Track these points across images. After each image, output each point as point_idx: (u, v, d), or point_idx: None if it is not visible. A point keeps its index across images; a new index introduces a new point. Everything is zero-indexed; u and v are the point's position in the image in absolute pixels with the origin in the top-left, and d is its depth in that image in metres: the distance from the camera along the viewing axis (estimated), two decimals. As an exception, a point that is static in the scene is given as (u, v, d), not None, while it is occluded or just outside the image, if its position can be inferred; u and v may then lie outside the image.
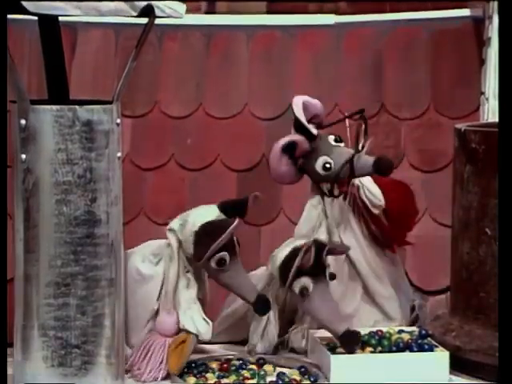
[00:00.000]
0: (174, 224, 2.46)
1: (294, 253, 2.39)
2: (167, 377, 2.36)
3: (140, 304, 2.46)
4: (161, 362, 2.36)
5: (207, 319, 2.41)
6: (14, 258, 2.21)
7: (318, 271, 2.38)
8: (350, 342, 2.34)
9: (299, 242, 2.42)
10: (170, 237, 2.44)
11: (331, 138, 2.55)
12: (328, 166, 2.50)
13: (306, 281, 2.37)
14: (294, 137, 2.52)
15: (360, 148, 2.50)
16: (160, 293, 2.44)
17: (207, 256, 2.35)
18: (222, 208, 2.43)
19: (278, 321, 2.49)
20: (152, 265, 2.48)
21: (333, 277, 2.42)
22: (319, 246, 2.38)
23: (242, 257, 2.43)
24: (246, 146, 3.11)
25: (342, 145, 2.54)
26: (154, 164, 3.09)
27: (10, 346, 2.21)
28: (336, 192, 2.56)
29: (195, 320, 2.39)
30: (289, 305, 2.54)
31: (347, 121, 2.58)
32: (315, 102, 2.55)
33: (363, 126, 2.52)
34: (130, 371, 2.37)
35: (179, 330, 2.39)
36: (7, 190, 2.16)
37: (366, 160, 2.47)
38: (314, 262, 2.35)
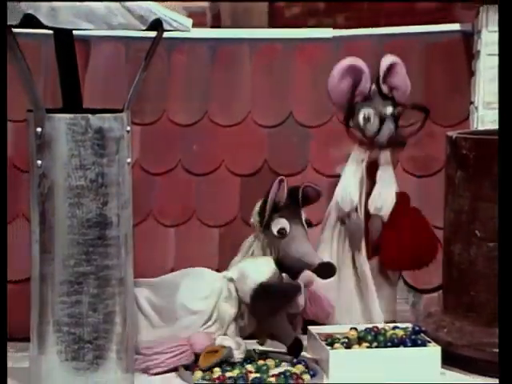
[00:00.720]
0: (233, 274, 2.44)
1: (267, 194, 2.39)
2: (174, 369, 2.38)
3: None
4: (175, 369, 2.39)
5: (241, 340, 2.41)
6: (31, 259, 2.21)
7: (294, 214, 2.38)
8: (326, 271, 2.35)
9: None
10: (231, 286, 2.43)
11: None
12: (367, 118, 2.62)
13: (283, 221, 2.37)
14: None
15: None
16: (204, 324, 2.46)
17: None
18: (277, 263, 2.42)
19: None
20: (200, 301, 2.47)
21: (309, 222, 2.43)
22: (294, 187, 2.39)
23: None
24: (249, 152, 3.09)
25: None
26: (162, 169, 3.07)
27: (25, 341, 2.24)
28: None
29: (231, 338, 2.41)
30: None
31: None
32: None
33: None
34: (142, 354, 2.39)
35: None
36: (21, 191, 2.14)
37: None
38: (290, 202, 2.37)
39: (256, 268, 2.41)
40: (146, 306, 2.49)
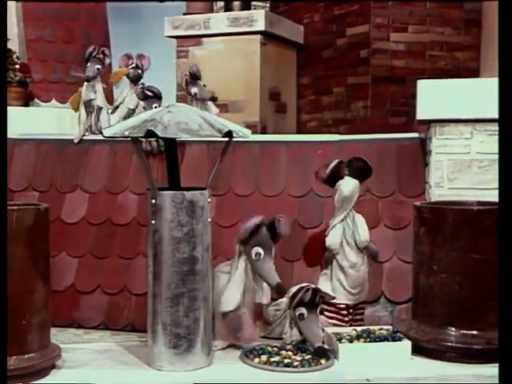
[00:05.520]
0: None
1: (299, 290, 2.32)
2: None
3: None
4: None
5: None
6: (147, 282, 2.21)
7: (311, 306, 2.31)
8: (321, 354, 2.26)
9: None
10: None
11: None
12: None
13: (302, 309, 2.30)
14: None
15: None
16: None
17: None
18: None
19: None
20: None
21: (322, 311, 2.36)
22: (315, 290, 2.32)
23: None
24: (285, 214, 3.06)
25: None
26: (229, 223, 3.06)
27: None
28: None
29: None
30: None
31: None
32: None
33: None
34: None
35: None
36: (142, 239, 2.13)
37: None
38: (310, 299, 2.30)
39: None
40: None
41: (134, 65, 3.35)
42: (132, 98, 3.32)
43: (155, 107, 3.16)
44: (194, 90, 3.31)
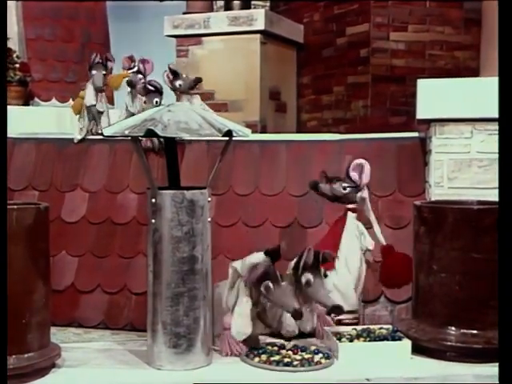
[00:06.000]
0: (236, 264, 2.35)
1: (300, 257, 2.30)
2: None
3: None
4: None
5: None
6: (147, 282, 2.20)
7: (316, 270, 2.28)
8: (337, 311, 2.26)
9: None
10: (231, 272, 2.34)
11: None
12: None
13: (308, 275, 2.27)
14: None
15: None
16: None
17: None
18: (266, 253, 2.30)
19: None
20: None
21: (325, 274, 2.32)
22: (316, 252, 2.29)
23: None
24: (285, 212, 3.09)
25: None
26: (229, 223, 3.08)
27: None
28: None
29: None
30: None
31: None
32: None
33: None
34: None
35: None
36: (142, 238, 2.12)
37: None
38: (313, 262, 2.27)
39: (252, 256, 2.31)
40: None
41: (135, 69, 3.34)
42: (136, 104, 3.29)
43: (156, 102, 3.16)
44: (178, 82, 3.29)
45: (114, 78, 3.39)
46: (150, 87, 3.20)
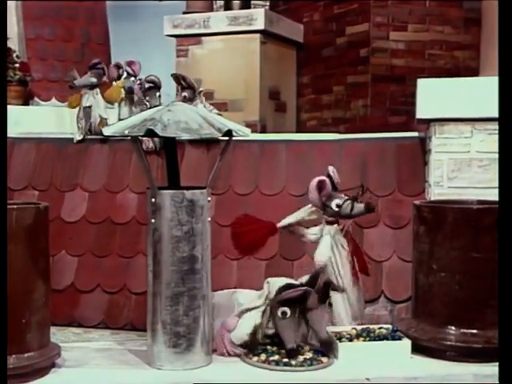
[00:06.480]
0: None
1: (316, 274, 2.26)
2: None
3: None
4: None
5: None
6: (147, 281, 2.20)
7: (323, 298, 2.26)
8: (327, 345, 2.25)
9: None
10: (265, 287, 2.30)
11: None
12: (338, 204, 2.44)
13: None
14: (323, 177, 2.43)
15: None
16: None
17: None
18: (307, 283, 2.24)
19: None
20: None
21: (330, 304, 2.32)
22: (327, 281, 2.27)
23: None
24: (284, 212, 3.07)
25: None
26: (229, 223, 2.98)
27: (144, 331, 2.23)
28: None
29: None
30: None
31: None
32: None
33: (361, 190, 2.46)
34: None
35: None
36: (142, 238, 2.12)
37: (360, 205, 2.43)
38: (322, 291, 2.24)
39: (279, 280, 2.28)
40: None
41: (125, 74, 3.33)
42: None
43: (159, 96, 3.15)
44: (184, 94, 3.24)
45: (111, 92, 3.37)
46: (148, 84, 3.20)
